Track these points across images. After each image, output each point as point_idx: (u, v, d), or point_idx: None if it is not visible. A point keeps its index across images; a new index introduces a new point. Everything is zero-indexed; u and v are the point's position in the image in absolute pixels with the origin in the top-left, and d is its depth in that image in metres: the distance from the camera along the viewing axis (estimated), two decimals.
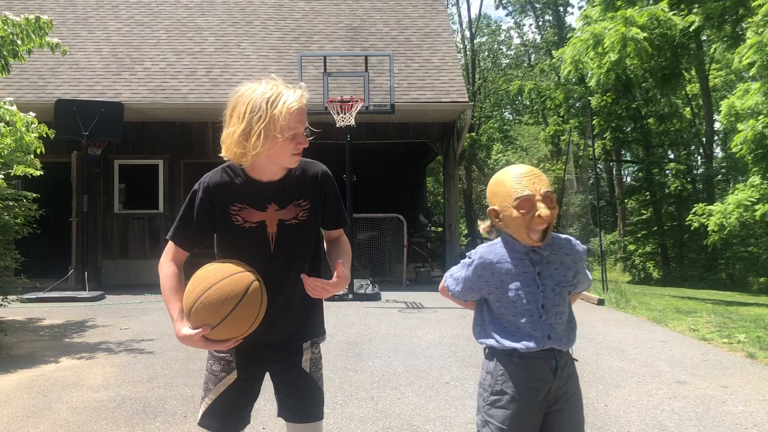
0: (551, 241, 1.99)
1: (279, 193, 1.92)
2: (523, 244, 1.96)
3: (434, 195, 28.22)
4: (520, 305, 1.94)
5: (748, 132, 9.96)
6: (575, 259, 2.01)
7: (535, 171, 1.96)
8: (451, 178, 12.16)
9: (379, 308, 8.01)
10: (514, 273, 1.96)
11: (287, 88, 1.84)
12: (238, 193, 1.90)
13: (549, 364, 1.93)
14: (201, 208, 1.90)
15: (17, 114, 5.80)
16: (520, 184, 1.92)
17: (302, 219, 1.95)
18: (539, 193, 1.90)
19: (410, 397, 4.16)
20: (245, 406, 2.02)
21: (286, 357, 2.00)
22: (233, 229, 1.91)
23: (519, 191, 1.91)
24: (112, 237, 11.58)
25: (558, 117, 24.84)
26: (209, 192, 1.90)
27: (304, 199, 1.95)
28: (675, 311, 8.24)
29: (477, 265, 2.00)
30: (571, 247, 2.03)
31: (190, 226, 1.93)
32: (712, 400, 4.10)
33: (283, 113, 1.78)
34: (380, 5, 14.00)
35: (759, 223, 10.76)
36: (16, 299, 6.67)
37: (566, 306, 1.99)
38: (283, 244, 1.93)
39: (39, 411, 3.90)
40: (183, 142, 11.75)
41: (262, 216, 1.91)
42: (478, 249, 2.05)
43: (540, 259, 1.97)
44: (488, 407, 1.96)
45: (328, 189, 2.01)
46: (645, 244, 22.75)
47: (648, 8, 11.66)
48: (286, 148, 1.83)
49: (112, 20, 13.29)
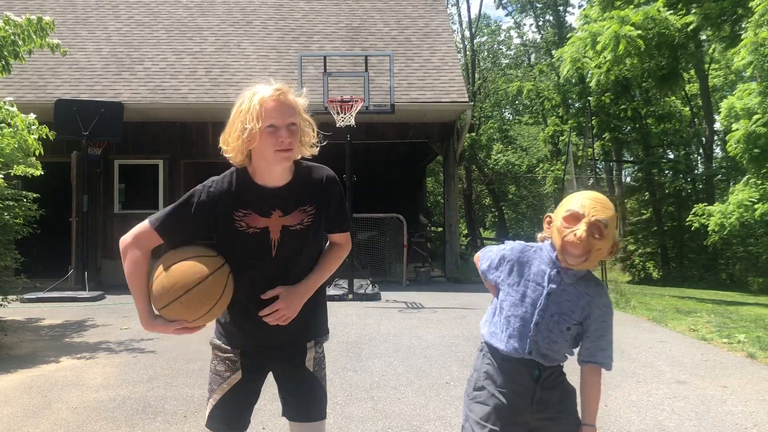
0: (581, 275, 1.95)
1: (284, 199, 1.91)
2: (552, 260, 1.95)
3: (434, 195, 28.22)
4: (518, 310, 1.96)
5: (741, 131, 10.00)
6: (591, 303, 1.93)
7: (605, 201, 1.91)
8: (451, 178, 12.16)
9: (379, 308, 8.01)
10: (529, 279, 1.96)
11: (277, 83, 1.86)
12: (242, 199, 1.89)
13: (531, 373, 1.94)
14: (200, 208, 1.89)
15: (18, 115, 5.80)
16: (579, 202, 1.91)
17: (307, 224, 1.94)
18: (590, 216, 1.86)
19: (410, 397, 4.16)
20: (248, 406, 2.04)
21: (290, 357, 2.02)
22: (235, 234, 1.91)
23: (573, 206, 1.91)
24: (112, 237, 11.55)
25: (557, 117, 24.84)
26: (213, 196, 1.88)
27: (309, 204, 1.94)
28: (675, 311, 8.24)
29: (502, 257, 2.04)
30: (596, 290, 1.96)
31: (183, 221, 1.90)
32: (712, 400, 4.11)
33: (254, 103, 1.79)
34: (380, 5, 14.00)
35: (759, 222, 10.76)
36: (16, 299, 6.66)
37: (564, 342, 1.94)
38: (284, 250, 1.93)
39: (39, 411, 3.90)
40: (183, 142, 11.75)
41: (266, 222, 1.90)
42: (516, 243, 2.06)
43: (558, 282, 1.94)
44: (470, 402, 2.01)
45: (333, 193, 1.99)
46: (645, 244, 22.75)
47: (643, 8, 11.67)
48: (266, 143, 1.81)
49: (112, 20, 13.29)
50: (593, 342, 1.95)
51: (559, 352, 1.96)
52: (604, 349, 1.96)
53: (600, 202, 1.89)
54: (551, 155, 27.32)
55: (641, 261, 23.01)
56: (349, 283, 8.78)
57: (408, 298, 8.97)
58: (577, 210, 1.88)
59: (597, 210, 1.87)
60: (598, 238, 1.85)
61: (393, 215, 11.18)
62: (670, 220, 22.45)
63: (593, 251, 1.86)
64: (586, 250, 1.86)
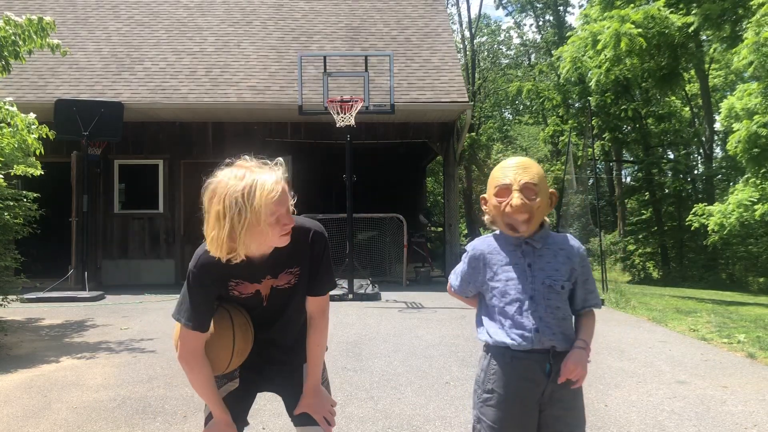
0: (546, 235, 2.00)
1: (271, 266, 1.91)
2: (514, 237, 1.98)
3: (434, 195, 28.22)
4: (509, 296, 1.96)
5: (743, 131, 9.99)
6: (569, 254, 1.99)
7: (524, 162, 1.97)
8: (451, 178, 12.16)
9: (379, 308, 8.01)
10: (505, 263, 1.98)
11: (261, 172, 1.75)
12: (232, 272, 1.87)
13: (542, 367, 1.93)
14: (208, 287, 1.88)
15: (18, 115, 5.80)
16: (502, 173, 1.96)
17: (293, 284, 1.97)
18: (518, 183, 1.91)
19: (410, 397, 4.16)
20: (244, 410, 2.07)
21: (287, 372, 2.07)
22: (229, 298, 1.95)
23: (500, 180, 1.95)
24: (112, 237, 11.58)
25: (557, 117, 24.84)
26: (211, 271, 1.86)
27: (296, 266, 1.95)
28: (675, 311, 8.24)
29: (471, 257, 2.06)
30: (565, 241, 2.02)
31: (208, 308, 1.89)
32: (712, 400, 4.10)
33: (262, 205, 1.71)
34: (380, 5, 14.00)
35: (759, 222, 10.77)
36: (16, 299, 6.66)
37: (561, 302, 1.97)
38: (275, 301, 1.98)
39: (39, 411, 3.90)
40: (183, 142, 11.75)
41: (257, 287, 1.94)
42: (474, 241, 2.09)
43: (532, 251, 1.98)
44: (481, 405, 1.99)
45: (316, 254, 1.96)
46: (645, 244, 22.75)
47: (643, 7, 11.67)
48: (273, 233, 1.78)
49: (112, 20, 13.29)
50: (582, 288, 2.00)
51: (564, 321, 1.96)
52: (592, 291, 2.03)
53: (521, 165, 1.95)
54: (551, 155, 27.33)
55: (641, 261, 23.01)
56: (349, 283, 8.78)
57: (408, 298, 8.97)
58: (504, 182, 1.93)
59: (521, 173, 1.92)
60: (534, 198, 1.91)
61: (393, 215, 11.18)
62: (670, 220, 22.46)
63: (534, 210, 1.92)
64: (528, 212, 1.91)
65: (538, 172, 1.95)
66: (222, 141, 11.64)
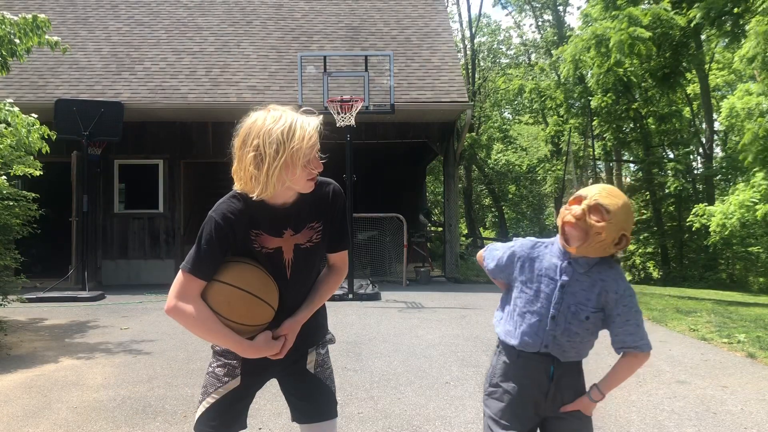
0: (594, 262, 1.91)
1: (293, 218, 1.89)
2: (562, 252, 1.93)
3: (434, 195, 28.21)
4: (534, 306, 1.94)
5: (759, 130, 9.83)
6: (607, 287, 1.90)
7: (614, 191, 1.88)
8: (451, 178, 12.15)
9: (379, 308, 8.01)
10: (543, 274, 1.95)
11: (299, 116, 1.79)
12: (253, 219, 1.85)
13: (546, 369, 1.94)
14: (224, 237, 1.83)
15: (19, 115, 5.79)
16: (588, 188, 1.92)
17: (316, 241, 1.94)
18: (593, 199, 1.85)
19: (410, 397, 4.16)
20: (241, 411, 2.02)
21: (291, 363, 2.02)
22: (252, 254, 1.88)
23: (581, 191, 1.92)
24: (112, 237, 11.57)
25: (558, 117, 24.83)
26: (230, 220, 1.83)
27: (317, 221, 1.93)
28: (675, 311, 8.23)
29: (511, 254, 2.03)
30: (610, 275, 1.91)
31: (216, 257, 1.83)
32: (712, 400, 4.10)
33: (303, 146, 1.74)
34: (380, 5, 14.00)
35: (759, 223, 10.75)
36: (16, 299, 6.65)
37: (583, 330, 1.91)
38: (299, 271, 1.93)
39: (39, 411, 3.90)
40: (183, 142, 11.74)
41: (278, 242, 1.89)
42: (524, 240, 2.05)
43: (571, 273, 1.92)
44: (486, 397, 2.03)
45: (338, 208, 1.98)
46: (645, 244, 22.74)
47: (651, 7, 11.65)
48: (301, 176, 1.79)
49: (112, 20, 13.28)
50: (619, 328, 1.91)
51: (581, 344, 1.94)
52: (632, 333, 1.91)
53: (607, 190, 1.88)
54: (551, 155, 27.32)
55: (641, 261, 23.01)
56: (349, 283, 8.78)
57: (408, 298, 8.97)
58: (581, 193, 1.90)
59: (601, 195, 1.85)
60: (597, 220, 1.83)
61: (393, 215, 11.18)
62: (670, 220, 22.45)
63: (591, 233, 1.83)
64: (583, 231, 1.84)
65: (621, 206, 1.85)
66: (222, 141, 11.56)
